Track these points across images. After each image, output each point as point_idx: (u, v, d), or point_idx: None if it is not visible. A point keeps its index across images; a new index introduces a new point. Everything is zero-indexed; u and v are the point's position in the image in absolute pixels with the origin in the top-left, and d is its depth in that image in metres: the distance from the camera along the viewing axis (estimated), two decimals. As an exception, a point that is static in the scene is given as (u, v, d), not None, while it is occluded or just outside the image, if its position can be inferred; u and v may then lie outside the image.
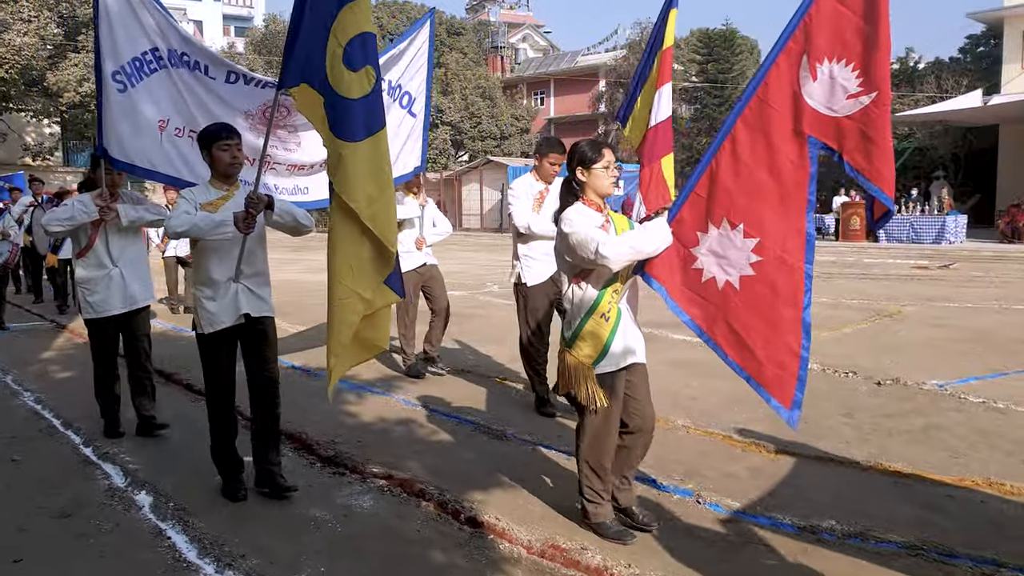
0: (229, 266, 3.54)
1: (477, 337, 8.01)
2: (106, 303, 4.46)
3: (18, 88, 23.85)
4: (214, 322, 3.56)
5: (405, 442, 4.61)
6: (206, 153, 3.56)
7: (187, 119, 4.25)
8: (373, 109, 3.24)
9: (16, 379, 6.36)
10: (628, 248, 2.91)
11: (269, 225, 3.66)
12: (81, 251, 4.48)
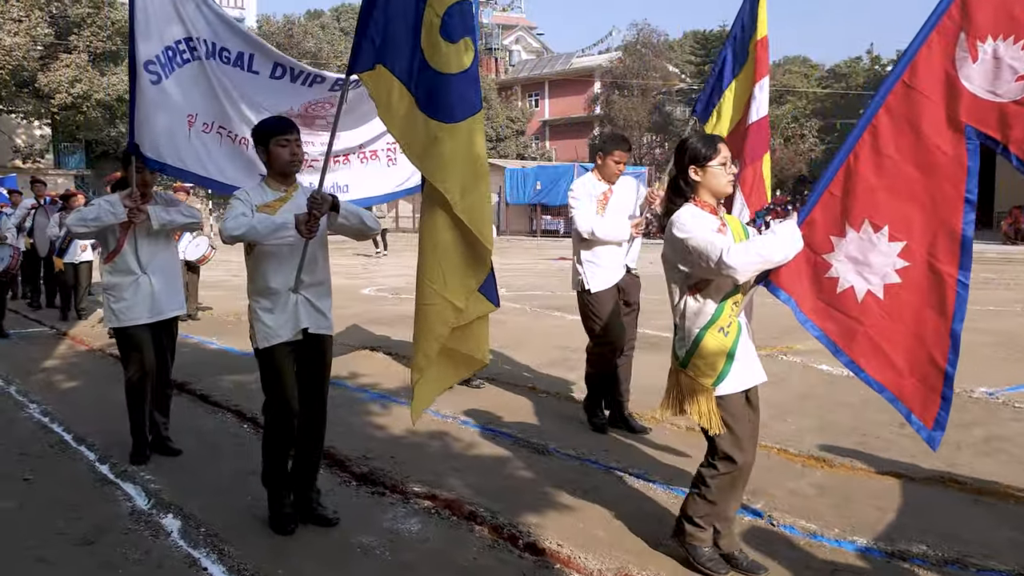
0: (288, 275, 3.22)
1: (498, 343, 7.74)
2: (131, 311, 4.12)
3: (9, 89, 23.43)
4: (270, 336, 3.25)
5: (442, 457, 4.35)
6: (262, 150, 3.24)
7: (217, 114, 3.96)
8: (471, 87, 2.93)
9: (20, 390, 6.06)
10: (756, 256, 2.59)
11: (332, 229, 3.33)
12: (108, 255, 4.16)
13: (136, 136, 3.87)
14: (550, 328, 8.84)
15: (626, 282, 4.76)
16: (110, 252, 4.15)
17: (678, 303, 2.88)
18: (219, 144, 3.98)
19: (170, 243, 4.36)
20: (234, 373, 6.55)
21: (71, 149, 32.14)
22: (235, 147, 4.08)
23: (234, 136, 4.07)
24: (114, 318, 4.19)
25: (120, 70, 25.16)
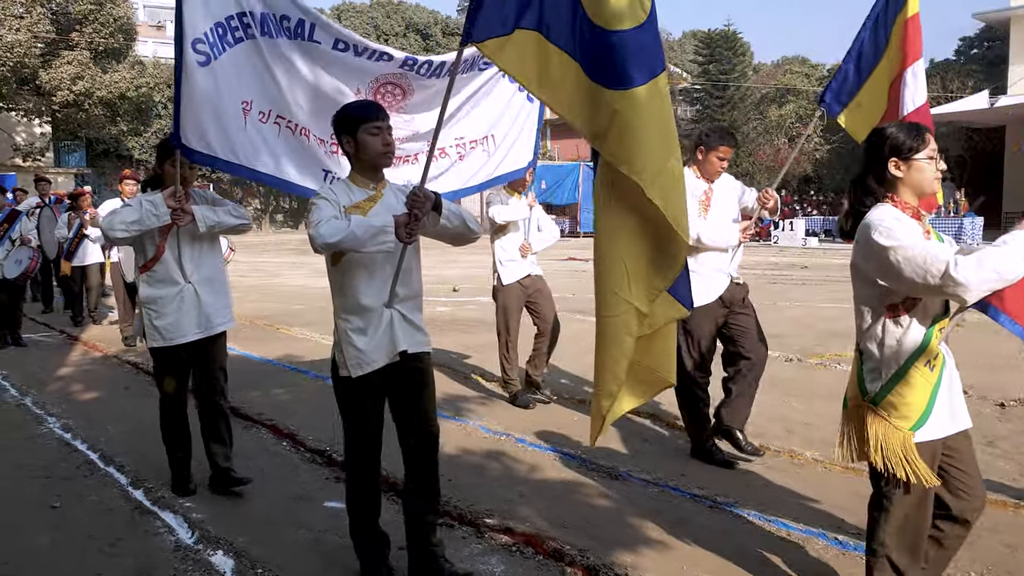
0: (382, 288, 2.76)
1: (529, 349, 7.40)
2: (177, 328, 3.63)
3: (9, 86, 23.01)
4: (364, 363, 2.74)
5: (505, 481, 4.01)
6: (348, 139, 2.76)
7: (274, 101, 3.52)
8: (651, 44, 2.40)
9: (37, 401, 5.71)
10: (991, 272, 2.13)
11: (431, 233, 2.85)
12: (146, 263, 3.65)
13: (180, 127, 3.37)
14: (582, 334, 8.48)
15: (731, 293, 4.24)
16: (148, 260, 3.64)
17: (871, 326, 2.43)
18: (277, 135, 3.55)
19: (215, 247, 3.86)
20: (261, 383, 6.21)
21: (72, 147, 31.70)
22: (295, 139, 3.63)
23: (294, 126, 3.62)
24: (158, 336, 3.66)
25: (122, 67, 24.84)
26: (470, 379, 6.33)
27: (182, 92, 3.36)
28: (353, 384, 2.80)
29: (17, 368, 6.95)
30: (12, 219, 7.55)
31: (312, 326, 9.06)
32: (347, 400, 2.87)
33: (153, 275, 3.67)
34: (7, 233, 7.45)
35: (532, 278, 5.51)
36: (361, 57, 3.49)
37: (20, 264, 7.55)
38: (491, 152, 4.04)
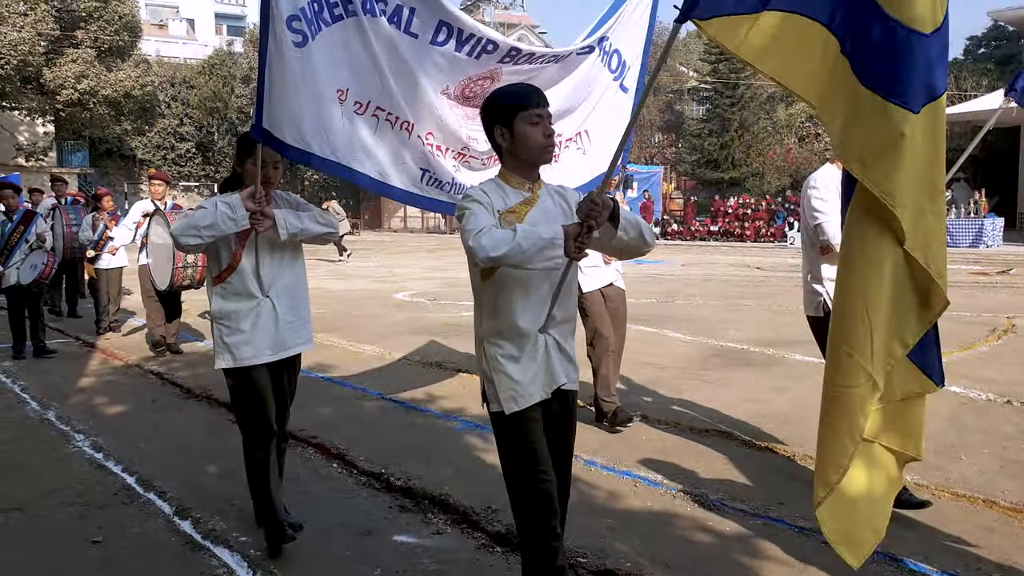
0: (539, 309, 2.35)
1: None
2: (252, 347, 3.16)
3: (13, 85, 22.63)
4: (519, 396, 2.33)
5: (586, 511, 3.65)
6: (503, 131, 2.31)
7: (374, 89, 3.08)
8: (940, 57, 2.04)
9: (61, 417, 5.36)
10: None
11: (604, 247, 2.41)
12: (220, 273, 3.20)
13: (266, 117, 2.93)
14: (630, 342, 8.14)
15: None
16: (223, 270, 3.18)
17: None
18: (374, 129, 3.13)
19: (298, 257, 3.34)
20: (311, 399, 5.82)
21: (75, 147, 31.33)
22: (395, 133, 3.21)
23: (394, 119, 3.19)
24: (229, 356, 3.18)
25: (127, 66, 24.47)
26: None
27: (272, 77, 2.92)
28: (510, 421, 2.37)
29: (35, 378, 6.60)
30: (28, 221, 7.16)
31: (337, 332, 8.70)
32: (506, 438, 2.41)
33: (228, 287, 3.19)
34: (23, 236, 7.08)
35: (614, 289, 5.05)
36: (461, 51, 3.10)
37: (35, 269, 7.16)
38: (586, 150, 3.67)
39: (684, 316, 9.74)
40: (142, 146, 35.77)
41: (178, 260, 6.59)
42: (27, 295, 7.39)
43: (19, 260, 7.16)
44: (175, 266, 6.58)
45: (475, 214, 2.23)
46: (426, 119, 3.15)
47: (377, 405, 5.64)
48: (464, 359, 7.14)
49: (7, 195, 7.20)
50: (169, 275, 6.66)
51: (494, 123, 2.36)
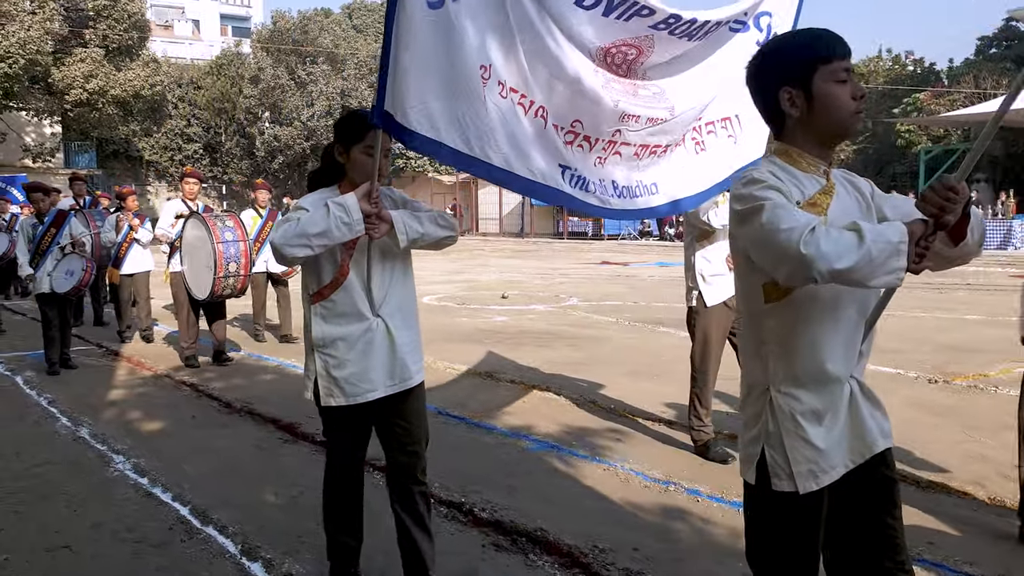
0: (849, 344, 1.72)
1: (633, 367, 6.63)
2: (362, 381, 2.57)
3: (21, 84, 22.23)
4: (820, 471, 1.68)
5: (711, 553, 3.24)
6: (793, 94, 1.69)
7: (514, 68, 2.59)
8: None
9: (96, 434, 4.93)
10: None
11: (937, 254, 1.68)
12: (321, 290, 2.60)
13: (388, 99, 2.40)
14: (670, 348, 7.73)
15: None
16: (324, 285, 2.59)
17: None
18: (514, 114, 2.61)
19: (408, 268, 2.75)
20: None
21: (82, 148, 30.96)
22: (531, 121, 2.71)
23: (528, 103, 2.68)
24: (337, 392, 2.59)
25: (136, 65, 24.08)
26: (587, 405, 5.54)
27: (398, 47, 2.41)
28: (799, 504, 1.69)
29: (62, 390, 6.17)
30: (60, 222, 6.71)
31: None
32: (787, 525, 1.73)
33: (331, 307, 2.60)
34: (55, 239, 6.63)
35: None
36: (610, 15, 2.62)
37: (72, 276, 6.61)
38: (736, 137, 3.21)
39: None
40: (149, 147, 35.40)
41: (219, 268, 6.15)
42: (60, 303, 6.87)
43: (51, 266, 6.68)
44: (216, 275, 6.14)
45: (782, 207, 1.57)
46: (563, 102, 2.67)
47: (435, 421, 5.22)
48: (513, 368, 6.73)
49: (37, 198, 6.76)
50: (210, 284, 6.23)
51: (782, 83, 1.73)
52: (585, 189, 2.80)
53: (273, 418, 5.26)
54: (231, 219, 6.45)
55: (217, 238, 6.13)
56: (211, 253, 6.14)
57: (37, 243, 6.73)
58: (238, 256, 6.24)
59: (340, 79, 35.35)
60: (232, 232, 6.25)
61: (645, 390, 5.89)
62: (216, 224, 6.20)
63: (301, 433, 4.91)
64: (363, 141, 2.56)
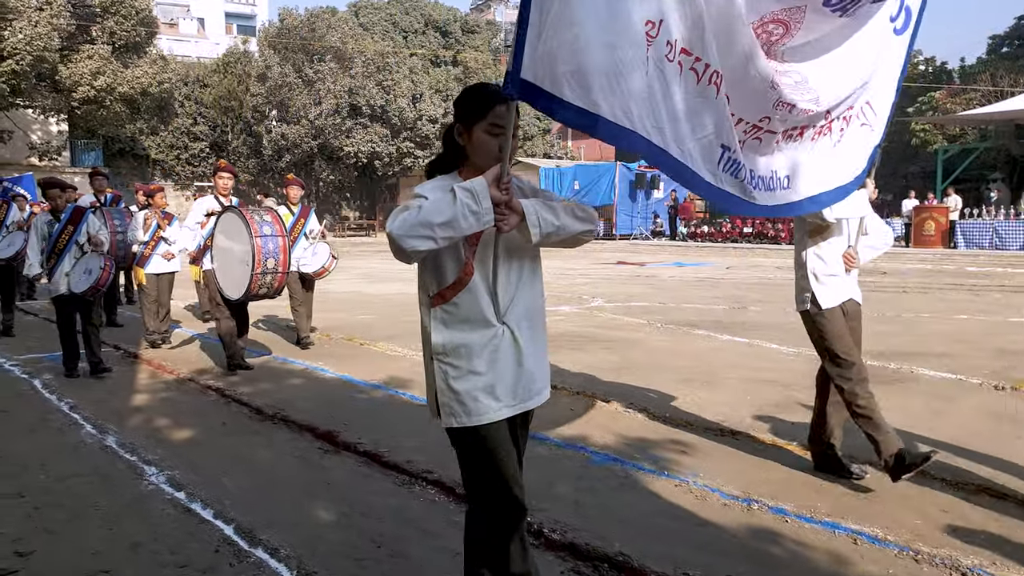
0: None
1: (675, 375, 6.33)
2: (489, 396, 2.21)
3: (28, 82, 21.94)
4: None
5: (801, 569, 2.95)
6: None
7: (691, 28, 2.20)
8: None
9: (124, 443, 4.65)
10: None
11: None
12: (443, 291, 2.24)
13: (529, 63, 2.02)
14: (711, 352, 7.43)
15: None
16: (446, 286, 2.23)
17: None
18: (681, 83, 2.22)
19: (537, 269, 2.37)
20: (401, 421, 5.12)
21: (89, 146, 30.69)
22: (703, 89, 2.32)
23: (701, 69, 2.28)
24: (458, 409, 2.21)
25: (143, 62, 23.81)
26: (642, 414, 5.25)
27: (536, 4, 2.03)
28: None
29: (83, 395, 5.89)
30: (77, 219, 6.41)
31: (396, 340, 7.99)
32: None
33: (454, 311, 2.23)
34: (73, 237, 6.35)
35: (853, 304, 3.95)
36: None
37: (90, 275, 6.25)
38: (873, 125, 2.89)
39: (771, 324, 9.00)
40: (155, 146, 35.13)
41: (257, 265, 5.83)
42: (80, 305, 6.51)
43: (69, 266, 6.35)
44: (254, 271, 5.81)
45: None
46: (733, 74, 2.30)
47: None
48: (552, 373, 6.43)
49: (54, 194, 6.46)
50: (246, 282, 5.89)
51: None
52: (735, 175, 2.45)
53: (309, 425, 4.97)
54: (269, 214, 6.12)
55: (255, 231, 5.80)
56: (248, 249, 5.82)
57: (54, 241, 6.39)
58: (276, 252, 5.90)
59: (348, 77, 35.04)
60: (270, 227, 5.94)
61: (699, 399, 5.59)
62: (254, 218, 5.89)
63: (342, 442, 4.62)
64: (486, 118, 2.20)
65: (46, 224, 6.56)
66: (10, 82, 21.61)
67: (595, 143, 46.15)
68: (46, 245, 6.44)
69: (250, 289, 5.96)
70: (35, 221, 6.73)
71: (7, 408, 5.55)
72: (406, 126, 35.72)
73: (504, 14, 62.84)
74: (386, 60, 35.79)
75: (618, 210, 29.31)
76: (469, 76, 40.12)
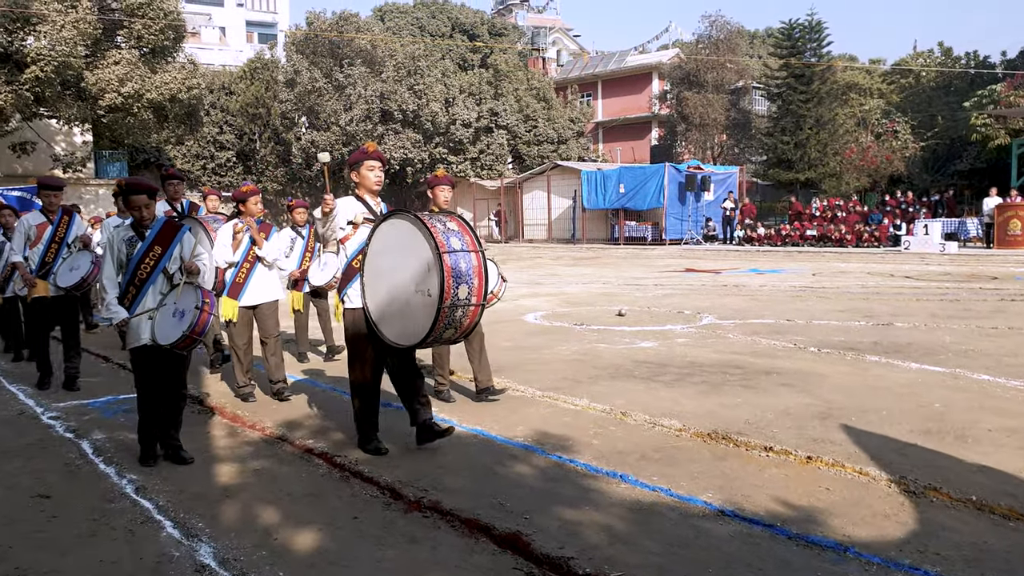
0: None
1: (906, 424, 4.82)
2: None
3: (53, 89, 20.75)
4: None
5: None
6: None
7: None
8: None
9: (227, 559, 3.20)
10: None
11: None
12: None
13: None
14: (921, 388, 5.91)
15: None
16: None
17: None
18: None
19: None
20: (550, 496, 3.65)
21: (114, 157, 29.56)
22: None
23: None
24: None
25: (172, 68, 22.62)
26: (925, 494, 3.74)
27: None
28: None
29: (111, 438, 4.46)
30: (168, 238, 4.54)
31: (505, 372, 6.51)
32: None
33: None
34: (161, 262, 4.51)
35: None
36: None
37: (182, 318, 4.36)
38: None
39: (944, 346, 7.47)
40: (181, 156, 33.99)
41: (447, 294, 3.91)
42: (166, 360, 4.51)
43: (153, 302, 4.52)
44: (442, 305, 3.90)
45: None
46: None
47: (732, 531, 3.43)
48: (747, 427, 4.94)
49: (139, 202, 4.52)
50: (429, 321, 3.95)
51: None
52: None
53: (475, 520, 3.52)
54: (453, 220, 4.17)
55: (442, 246, 3.91)
56: (425, 270, 3.97)
57: (135, 267, 4.50)
58: (470, 274, 3.97)
59: (379, 81, 33.75)
60: (459, 238, 4.04)
61: (968, 456, 4.09)
62: (436, 227, 3.99)
63: (544, 556, 3.16)
64: None
65: (125, 243, 4.55)
66: (34, 90, 20.42)
67: (628, 145, 44.67)
68: (124, 273, 4.54)
69: (434, 330, 3.96)
70: (107, 237, 4.73)
71: (50, 492, 4.12)
72: (439, 131, 34.40)
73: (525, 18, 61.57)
74: (417, 63, 34.46)
75: (667, 214, 27.77)
76: (500, 79, 38.79)
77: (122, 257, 4.52)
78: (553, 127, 38.37)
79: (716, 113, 36.49)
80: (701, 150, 37.88)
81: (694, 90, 37.02)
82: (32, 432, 5.32)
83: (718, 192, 28.58)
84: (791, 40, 33.22)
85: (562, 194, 32.14)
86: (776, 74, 33.88)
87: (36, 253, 6.57)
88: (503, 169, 36.48)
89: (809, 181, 33.01)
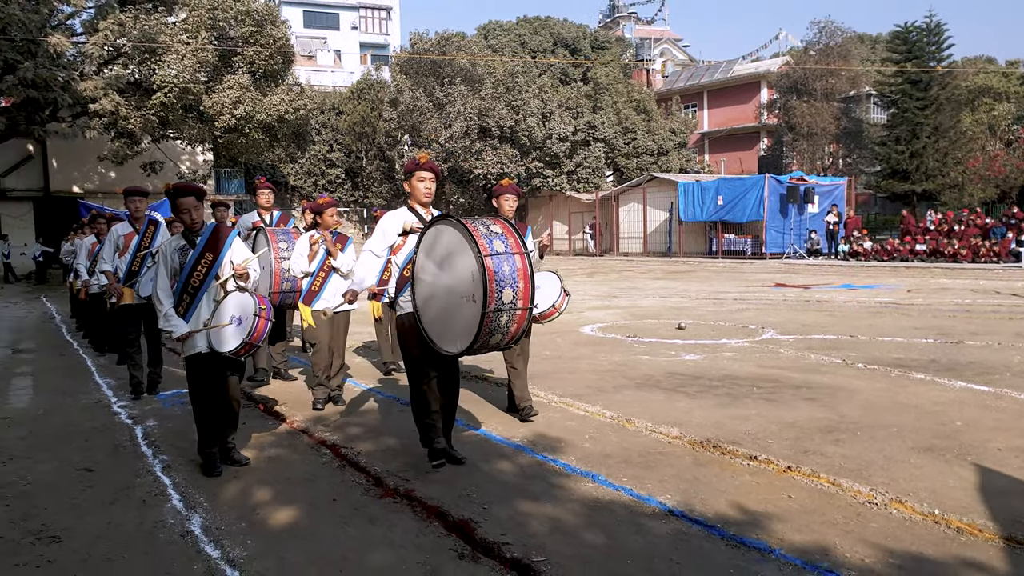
0: None
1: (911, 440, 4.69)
2: None
3: (176, 114, 22.69)
4: None
5: None
6: None
7: None
8: None
9: (210, 527, 3.63)
10: None
11: None
12: None
13: None
14: (949, 405, 5.69)
15: None
16: None
17: None
18: None
19: None
20: (561, 506, 3.84)
21: (232, 174, 31.84)
22: None
23: None
24: None
25: (280, 90, 24.21)
26: (902, 512, 3.70)
27: None
28: None
29: (183, 450, 4.99)
30: (218, 245, 4.69)
31: (540, 381, 6.70)
32: None
33: None
34: (212, 269, 4.65)
35: None
36: None
37: (240, 326, 4.58)
38: None
39: (1006, 365, 7.09)
40: (294, 173, 36.13)
41: (490, 298, 3.87)
42: (221, 367, 4.63)
43: (208, 312, 4.65)
44: (486, 310, 3.86)
45: None
46: None
47: (672, 529, 3.54)
48: (745, 437, 4.95)
49: (188, 205, 4.67)
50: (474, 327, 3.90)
51: None
52: None
53: (437, 508, 3.79)
54: (497, 223, 4.12)
55: (484, 249, 3.86)
56: (469, 274, 3.92)
57: (187, 274, 4.62)
58: (514, 277, 3.90)
59: (477, 99, 34.70)
60: (503, 241, 3.98)
61: (962, 481, 3.97)
62: (478, 229, 3.97)
63: (480, 541, 3.39)
64: None
65: (177, 251, 4.71)
66: (159, 114, 22.39)
67: (735, 156, 43.69)
68: (176, 282, 4.68)
69: (480, 335, 3.88)
70: (163, 248, 4.81)
71: (94, 466, 4.72)
72: (535, 145, 34.92)
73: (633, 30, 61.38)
74: (515, 80, 35.17)
75: (768, 227, 26.99)
76: (600, 92, 38.94)
77: (175, 266, 4.66)
78: (653, 138, 38.10)
79: (825, 122, 35.16)
80: (810, 160, 36.56)
81: (802, 98, 35.84)
82: (100, 418, 6.02)
83: (823, 204, 27.51)
84: (907, 44, 31.60)
85: (659, 206, 31.86)
86: (891, 80, 32.30)
87: (123, 262, 7.11)
88: (600, 182, 36.52)
89: (927, 192, 31.21)
